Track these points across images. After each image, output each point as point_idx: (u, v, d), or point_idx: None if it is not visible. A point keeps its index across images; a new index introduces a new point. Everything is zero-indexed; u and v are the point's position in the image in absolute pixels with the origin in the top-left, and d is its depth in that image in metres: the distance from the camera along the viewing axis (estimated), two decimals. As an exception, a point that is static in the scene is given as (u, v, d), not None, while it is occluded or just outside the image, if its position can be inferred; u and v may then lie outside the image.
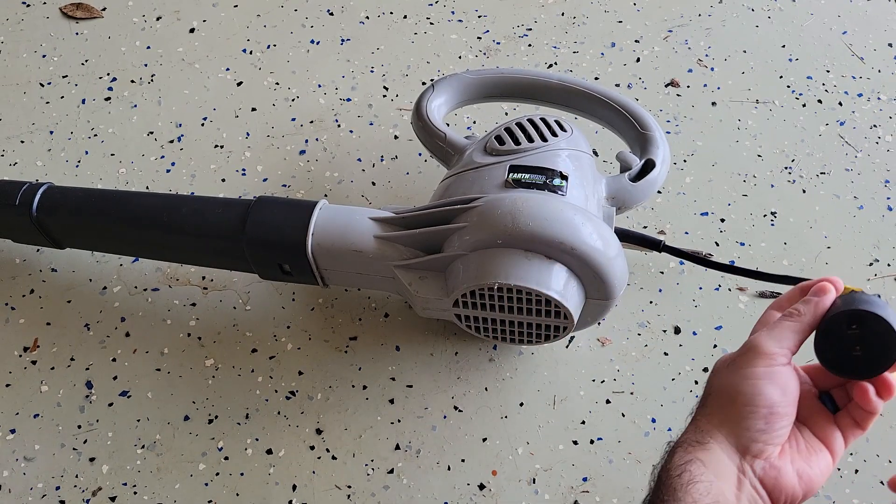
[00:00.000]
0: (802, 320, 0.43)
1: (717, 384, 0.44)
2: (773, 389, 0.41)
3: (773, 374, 0.42)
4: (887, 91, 0.89)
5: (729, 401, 0.42)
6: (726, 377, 0.43)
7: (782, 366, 0.42)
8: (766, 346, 0.42)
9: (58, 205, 0.69)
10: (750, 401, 0.41)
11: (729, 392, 0.42)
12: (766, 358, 0.42)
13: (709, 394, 0.44)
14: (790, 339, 0.43)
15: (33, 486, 0.64)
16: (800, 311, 0.44)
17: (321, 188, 0.82)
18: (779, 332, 0.43)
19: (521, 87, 0.75)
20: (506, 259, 0.57)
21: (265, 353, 0.71)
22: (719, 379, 0.44)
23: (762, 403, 0.41)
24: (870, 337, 0.41)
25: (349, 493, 0.63)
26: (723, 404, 0.42)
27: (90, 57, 0.94)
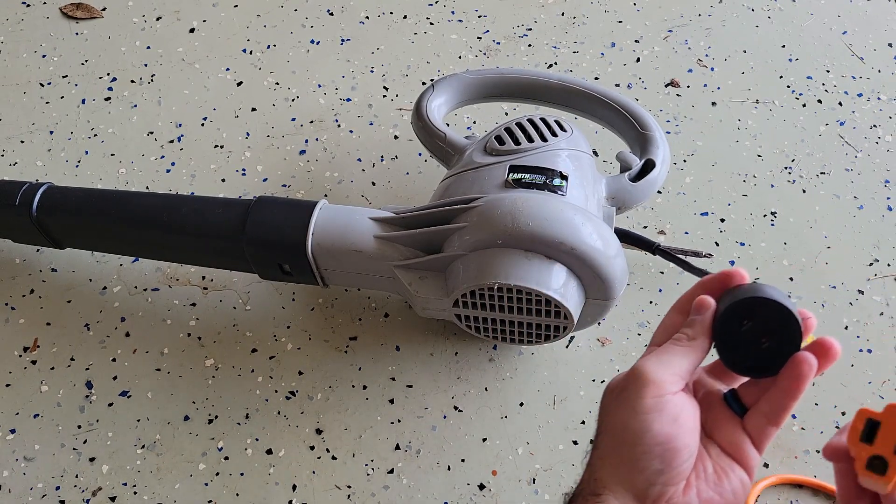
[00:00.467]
0: (693, 345, 0.38)
1: (608, 420, 0.38)
2: (665, 424, 0.36)
3: (663, 406, 0.36)
4: (887, 91, 0.89)
5: (619, 441, 0.37)
6: (615, 411, 0.38)
7: (673, 394, 0.37)
8: (653, 374, 0.37)
9: (58, 205, 0.69)
10: (640, 439, 0.36)
11: (618, 430, 0.37)
12: (653, 387, 0.36)
13: (601, 431, 0.39)
14: (681, 364, 0.38)
15: (33, 486, 0.64)
16: (687, 334, 0.38)
17: (321, 188, 0.82)
18: (668, 356, 0.38)
19: (521, 87, 0.75)
20: (506, 259, 0.57)
21: (265, 353, 0.71)
22: (609, 413, 0.38)
23: (654, 441, 0.36)
24: (766, 323, 0.37)
25: (349, 493, 0.63)
26: (615, 445, 0.37)
27: (90, 57, 0.94)
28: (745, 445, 0.39)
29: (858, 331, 0.71)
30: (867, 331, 0.71)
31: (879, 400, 0.66)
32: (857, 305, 0.72)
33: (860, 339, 0.70)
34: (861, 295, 0.73)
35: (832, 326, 0.71)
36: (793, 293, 0.73)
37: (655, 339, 0.41)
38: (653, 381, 0.36)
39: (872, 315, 0.72)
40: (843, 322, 0.71)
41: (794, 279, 0.74)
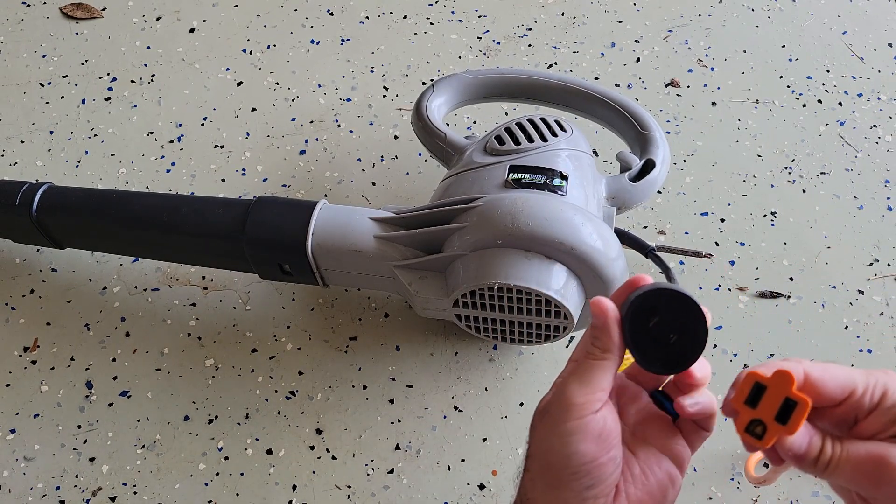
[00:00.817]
0: (606, 357, 0.38)
1: (534, 444, 0.39)
2: (589, 443, 0.36)
3: (585, 427, 0.36)
4: (887, 91, 0.89)
5: (546, 465, 0.37)
6: (541, 434, 0.38)
7: (595, 413, 0.37)
8: (574, 397, 0.37)
9: (58, 205, 0.69)
10: (567, 462, 0.36)
11: (545, 454, 0.37)
12: (575, 410, 0.36)
13: (529, 455, 0.39)
14: (600, 380, 0.37)
15: (33, 486, 0.64)
16: (598, 346, 0.38)
17: (321, 188, 0.82)
18: (587, 375, 0.37)
19: (521, 87, 0.75)
20: (506, 259, 0.57)
21: (265, 353, 0.71)
22: (535, 436, 0.39)
23: (581, 461, 0.36)
24: (670, 315, 0.36)
25: (349, 493, 0.63)
26: (542, 468, 0.37)
27: (90, 57, 0.94)
28: (677, 439, 0.40)
29: (858, 331, 0.71)
30: (867, 331, 0.71)
31: (879, 400, 0.66)
32: (857, 305, 0.72)
33: (860, 339, 0.70)
34: (861, 295, 0.73)
35: (832, 326, 0.71)
36: (793, 293, 0.73)
37: (575, 354, 0.40)
38: (574, 403, 0.37)
39: (872, 315, 0.72)
40: (844, 322, 0.71)
41: (794, 279, 0.74)
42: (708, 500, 0.62)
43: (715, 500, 0.62)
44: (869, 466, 0.33)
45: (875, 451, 0.33)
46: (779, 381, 0.34)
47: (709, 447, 0.64)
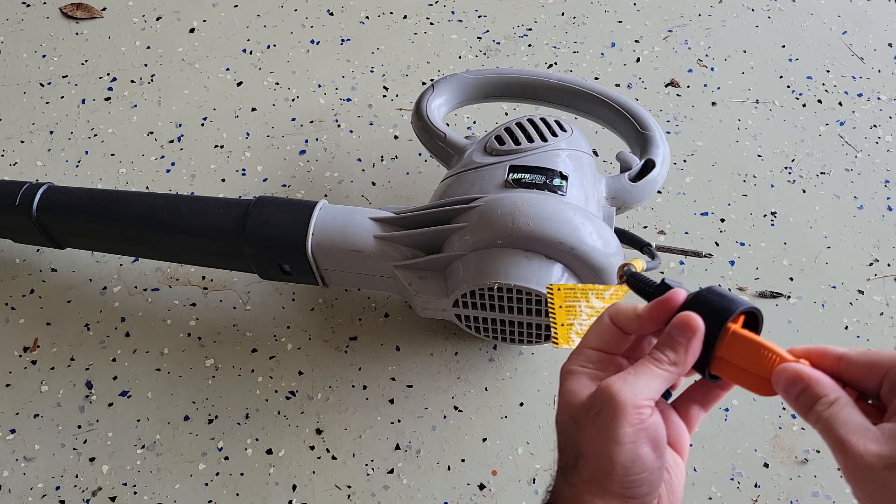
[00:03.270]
0: (676, 370, 0.36)
1: (586, 446, 0.36)
2: (649, 449, 0.35)
3: (644, 433, 0.35)
4: (887, 91, 0.89)
5: (606, 473, 0.35)
6: (594, 439, 0.36)
7: (651, 417, 0.36)
8: (631, 399, 0.35)
9: (58, 205, 0.69)
10: (629, 470, 0.35)
11: (603, 461, 0.35)
12: (634, 414, 0.35)
13: (579, 455, 0.37)
14: (658, 387, 0.36)
15: (33, 486, 0.64)
16: (670, 358, 0.36)
17: (321, 188, 0.82)
18: (647, 380, 0.36)
19: (521, 88, 0.75)
20: (506, 259, 0.57)
21: (265, 353, 0.71)
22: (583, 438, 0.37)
23: (641, 469, 0.35)
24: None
25: (349, 493, 0.63)
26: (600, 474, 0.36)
27: (90, 57, 0.94)
28: (682, 432, 0.39)
29: (858, 331, 0.71)
30: (867, 331, 0.71)
31: (879, 400, 0.66)
32: (857, 305, 0.72)
33: (860, 339, 0.70)
34: (861, 295, 0.73)
35: (832, 326, 0.71)
36: (793, 293, 0.73)
37: (588, 342, 0.39)
38: (633, 407, 0.35)
39: (872, 315, 0.72)
40: (844, 322, 0.71)
41: (794, 279, 0.74)
42: (708, 500, 0.62)
43: (715, 500, 0.62)
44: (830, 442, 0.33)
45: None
46: None
47: (708, 447, 0.64)
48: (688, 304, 0.37)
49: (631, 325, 0.38)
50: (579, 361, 0.39)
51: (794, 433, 0.65)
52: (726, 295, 0.37)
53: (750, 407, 0.66)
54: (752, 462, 0.64)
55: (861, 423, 0.32)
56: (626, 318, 0.38)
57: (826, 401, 0.33)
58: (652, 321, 0.38)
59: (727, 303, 0.36)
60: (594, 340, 0.39)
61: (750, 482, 0.63)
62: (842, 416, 0.32)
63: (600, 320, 0.39)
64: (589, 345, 0.39)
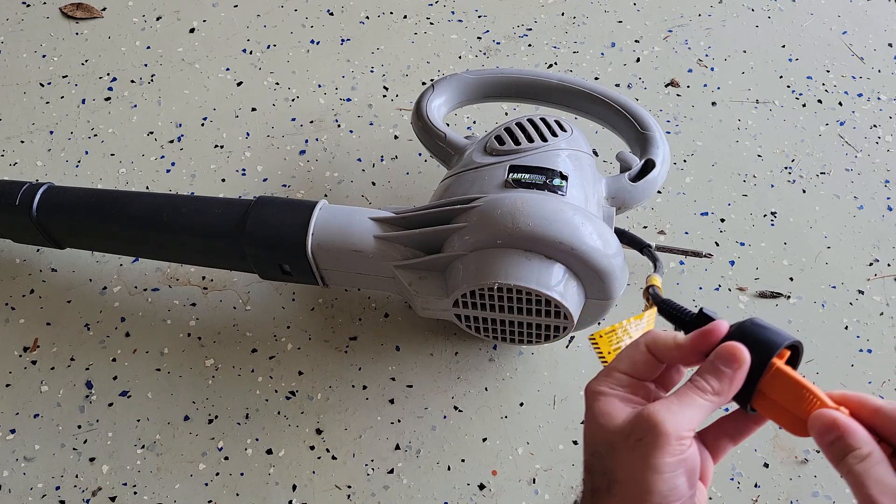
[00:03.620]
0: (717, 401, 0.36)
1: (622, 472, 0.36)
2: (685, 480, 0.35)
3: (683, 463, 0.35)
4: (887, 91, 0.89)
5: (640, 501, 0.35)
6: (632, 465, 0.36)
7: (691, 448, 0.36)
8: (675, 430, 0.35)
9: (58, 205, 0.69)
10: (665, 499, 0.35)
11: (641, 490, 0.35)
12: (676, 444, 0.35)
13: (614, 480, 0.36)
14: (699, 417, 0.36)
15: (33, 486, 0.64)
16: (714, 388, 0.36)
17: (321, 188, 0.82)
18: (688, 409, 0.36)
19: (521, 87, 0.75)
20: (506, 259, 0.57)
21: (265, 353, 0.71)
22: (621, 462, 0.36)
23: (676, 498, 0.35)
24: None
25: (349, 493, 0.63)
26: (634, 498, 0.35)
27: (90, 57, 0.94)
28: (708, 460, 0.39)
29: (858, 331, 0.71)
30: (867, 331, 0.71)
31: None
32: (857, 305, 0.72)
33: (860, 340, 0.70)
34: (861, 295, 0.73)
35: (832, 326, 0.71)
36: (793, 293, 0.73)
37: (620, 365, 0.39)
38: (675, 437, 0.35)
39: (872, 315, 0.72)
40: (843, 322, 0.71)
41: (794, 279, 0.74)
42: (708, 500, 0.62)
43: (715, 500, 0.62)
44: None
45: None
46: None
47: (709, 447, 0.64)
48: (731, 336, 0.37)
49: (669, 356, 0.38)
50: (609, 383, 0.38)
51: (794, 433, 0.65)
52: (769, 328, 0.36)
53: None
54: (752, 462, 0.64)
55: (892, 485, 0.32)
56: (665, 348, 0.38)
57: (859, 454, 0.33)
58: (693, 352, 0.37)
59: (772, 336, 0.36)
60: (626, 365, 0.38)
61: (750, 482, 0.63)
62: (873, 474, 0.32)
63: (635, 346, 0.39)
64: (620, 369, 0.39)
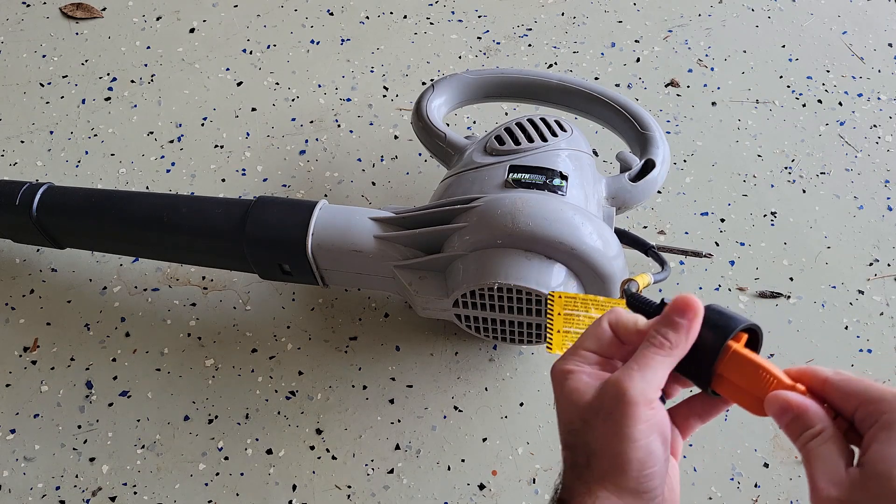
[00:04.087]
0: (674, 354, 0.36)
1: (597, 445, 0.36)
2: (659, 443, 0.36)
3: (654, 427, 0.35)
4: (887, 91, 0.89)
5: (621, 470, 0.35)
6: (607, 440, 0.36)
7: (658, 410, 0.36)
8: (642, 394, 0.35)
9: (58, 205, 0.69)
10: (644, 465, 0.35)
11: (617, 460, 0.35)
12: (646, 409, 0.35)
13: (592, 453, 0.36)
14: (662, 375, 0.36)
15: (33, 486, 0.64)
16: (671, 341, 0.36)
17: (321, 188, 0.82)
18: (651, 371, 0.36)
19: (521, 87, 0.75)
20: (506, 259, 0.57)
21: (265, 353, 0.71)
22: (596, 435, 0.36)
23: (654, 462, 0.35)
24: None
25: (349, 493, 0.63)
26: (614, 472, 0.36)
27: (90, 57, 0.94)
28: (676, 436, 0.40)
29: (858, 331, 0.71)
30: (867, 331, 0.71)
31: (879, 400, 0.66)
32: (857, 305, 0.72)
33: (860, 340, 0.70)
34: (861, 295, 0.73)
35: (832, 326, 0.71)
36: (793, 293, 0.73)
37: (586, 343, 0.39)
38: (643, 403, 0.35)
39: (872, 315, 0.72)
40: (844, 322, 0.71)
41: (794, 279, 0.74)
42: (708, 500, 0.62)
43: (715, 500, 0.62)
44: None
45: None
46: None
47: (709, 447, 0.64)
48: None
49: (630, 338, 0.38)
50: (576, 361, 0.38)
51: (794, 433, 0.65)
52: (726, 312, 0.37)
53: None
54: (752, 462, 0.64)
55: (834, 465, 0.33)
56: (626, 330, 0.38)
57: (811, 433, 0.35)
58: None
59: (727, 320, 0.37)
60: (592, 344, 0.39)
61: (750, 482, 0.63)
62: (820, 452, 0.34)
63: (599, 324, 0.39)
64: (586, 346, 0.39)
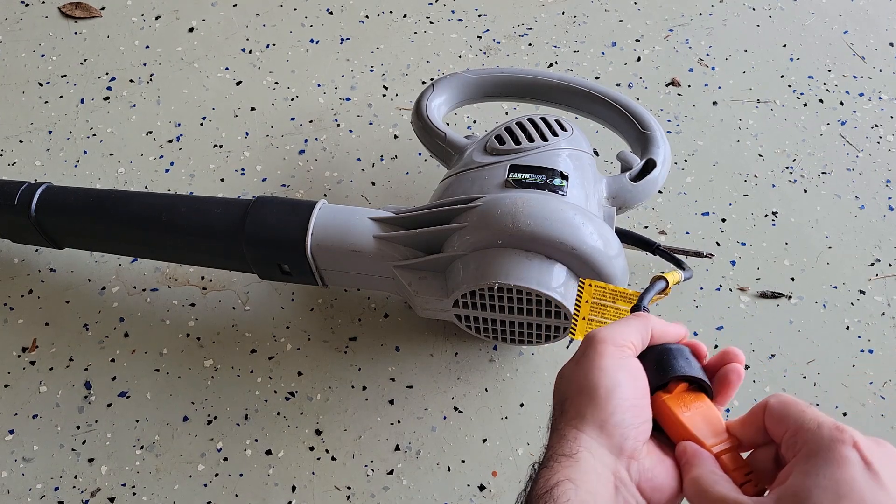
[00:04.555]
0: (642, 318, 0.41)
1: (571, 389, 0.39)
2: (631, 381, 0.38)
3: (626, 366, 0.39)
4: (888, 90, 0.88)
5: (589, 399, 0.38)
6: (578, 378, 0.39)
7: (631, 358, 0.39)
8: (613, 338, 0.39)
9: (56, 205, 0.69)
10: (612, 393, 0.37)
11: (587, 391, 0.38)
12: (613, 348, 0.39)
13: (564, 399, 0.39)
14: (634, 335, 0.40)
15: (32, 487, 0.64)
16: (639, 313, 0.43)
17: (321, 188, 0.81)
18: (621, 325, 0.41)
19: (522, 87, 0.75)
20: (506, 259, 0.56)
21: (264, 354, 0.70)
22: (569, 383, 0.40)
23: (625, 395, 0.38)
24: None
25: (349, 495, 0.63)
26: (584, 404, 0.38)
27: (89, 56, 0.94)
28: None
29: (860, 331, 0.70)
30: (868, 331, 0.70)
31: (881, 401, 0.66)
32: (858, 306, 0.72)
33: (861, 340, 0.70)
34: (862, 295, 0.73)
35: (833, 327, 0.71)
36: (794, 293, 0.73)
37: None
38: (612, 341, 0.39)
39: (874, 315, 0.71)
40: (845, 322, 0.71)
41: (795, 279, 0.74)
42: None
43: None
44: None
45: None
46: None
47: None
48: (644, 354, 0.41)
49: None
50: None
51: (795, 434, 0.65)
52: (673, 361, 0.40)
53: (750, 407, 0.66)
54: (754, 463, 0.64)
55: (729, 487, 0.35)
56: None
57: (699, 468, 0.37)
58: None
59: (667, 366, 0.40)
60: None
61: (751, 483, 0.63)
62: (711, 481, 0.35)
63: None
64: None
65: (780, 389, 0.67)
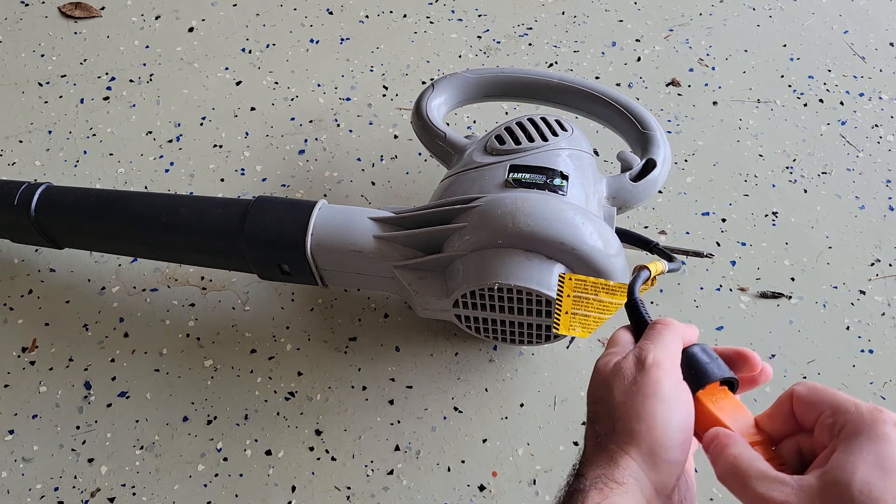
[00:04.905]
0: (677, 328, 0.40)
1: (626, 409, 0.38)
2: (687, 410, 0.37)
3: (680, 393, 0.37)
4: (889, 90, 0.88)
5: (647, 429, 0.36)
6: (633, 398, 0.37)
7: (683, 383, 0.38)
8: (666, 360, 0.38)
9: (56, 205, 0.69)
10: (669, 425, 0.36)
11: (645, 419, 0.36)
12: (671, 374, 0.37)
13: (617, 417, 0.38)
14: (677, 349, 0.39)
15: (32, 487, 0.64)
16: (666, 322, 0.41)
17: (320, 188, 0.81)
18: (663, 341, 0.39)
19: (522, 87, 0.75)
20: (506, 259, 0.56)
21: (264, 354, 0.70)
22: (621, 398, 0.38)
23: (681, 428, 0.37)
24: None
25: (349, 495, 0.63)
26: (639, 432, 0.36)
27: (89, 56, 0.94)
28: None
29: (860, 331, 0.70)
30: (869, 331, 0.70)
31: (881, 401, 0.66)
32: (858, 306, 0.72)
33: (861, 340, 0.70)
34: (862, 295, 0.73)
35: (833, 327, 0.71)
36: (794, 293, 0.73)
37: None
38: (670, 367, 0.38)
39: (874, 315, 0.71)
40: (845, 322, 0.71)
41: (796, 279, 0.74)
42: (709, 500, 0.62)
43: (716, 500, 0.62)
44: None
45: None
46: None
47: (710, 448, 0.64)
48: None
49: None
50: None
51: (795, 434, 0.65)
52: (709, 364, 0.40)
53: (751, 406, 0.66)
54: (754, 463, 0.64)
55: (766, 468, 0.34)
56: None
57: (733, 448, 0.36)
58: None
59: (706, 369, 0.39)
60: None
61: (751, 483, 0.63)
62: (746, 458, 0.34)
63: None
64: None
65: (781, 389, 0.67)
